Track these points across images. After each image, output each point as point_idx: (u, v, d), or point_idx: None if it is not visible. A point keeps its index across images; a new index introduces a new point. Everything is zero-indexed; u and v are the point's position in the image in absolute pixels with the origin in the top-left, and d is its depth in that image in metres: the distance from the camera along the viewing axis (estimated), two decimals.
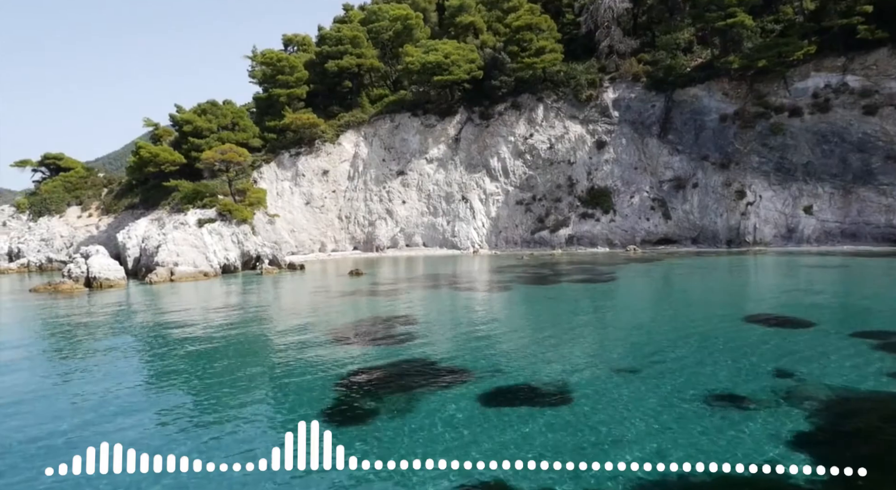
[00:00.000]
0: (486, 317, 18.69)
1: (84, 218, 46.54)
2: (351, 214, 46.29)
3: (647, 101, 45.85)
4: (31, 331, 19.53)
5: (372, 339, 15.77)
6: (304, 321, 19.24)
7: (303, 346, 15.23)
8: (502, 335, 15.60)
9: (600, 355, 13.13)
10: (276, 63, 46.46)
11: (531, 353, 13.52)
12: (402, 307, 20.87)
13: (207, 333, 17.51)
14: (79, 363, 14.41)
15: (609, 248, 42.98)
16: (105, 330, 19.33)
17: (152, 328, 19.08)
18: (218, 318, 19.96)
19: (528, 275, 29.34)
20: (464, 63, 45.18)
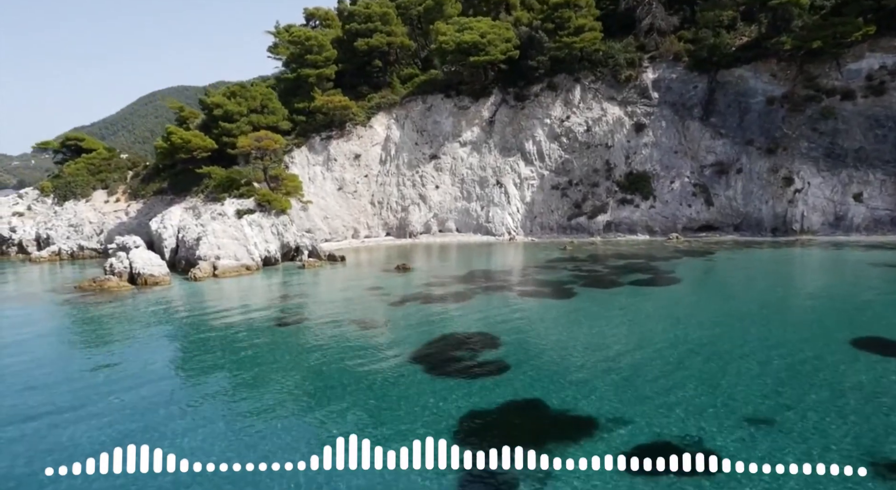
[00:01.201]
0: (570, 337, 18.03)
1: (112, 203, 45.71)
2: (384, 200, 45.38)
3: (689, 82, 44.35)
4: (114, 343, 18.91)
5: (461, 368, 15.18)
6: (378, 340, 18.63)
7: (396, 376, 14.64)
8: (601, 364, 14.99)
9: (724, 397, 12.51)
10: (304, 42, 44.87)
11: (647, 394, 12.90)
12: (473, 321, 20.23)
13: (295, 362, 16.91)
14: (197, 387, 13.85)
15: (649, 235, 42.15)
16: (185, 344, 18.74)
17: (226, 341, 18.50)
18: (287, 339, 19.38)
19: (583, 273, 28.64)
20: (500, 42, 43.55)
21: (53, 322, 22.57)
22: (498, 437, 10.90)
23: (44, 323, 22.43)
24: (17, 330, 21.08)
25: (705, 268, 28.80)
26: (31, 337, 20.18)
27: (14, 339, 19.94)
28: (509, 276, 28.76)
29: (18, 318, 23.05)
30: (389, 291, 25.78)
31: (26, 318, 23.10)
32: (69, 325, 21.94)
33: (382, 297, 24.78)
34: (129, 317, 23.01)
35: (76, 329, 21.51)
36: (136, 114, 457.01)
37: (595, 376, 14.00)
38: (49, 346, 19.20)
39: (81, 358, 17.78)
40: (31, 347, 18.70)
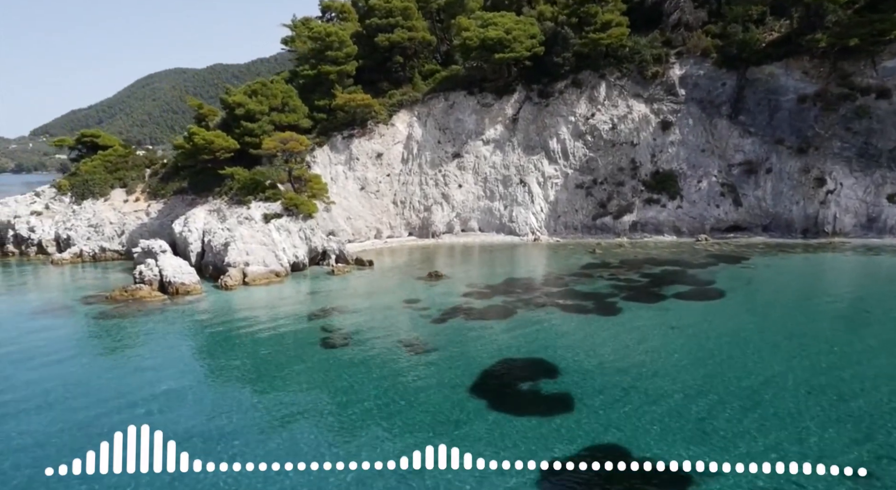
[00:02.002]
0: (629, 364, 17.63)
1: (131, 202, 45.15)
2: (406, 199, 44.83)
3: (717, 79, 43.52)
4: (163, 370, 18.52)
5: (526, 403, 14.88)
6: (431, 367, 18.28)
7: (461, 417, 14.29)
8: (671, 401, 14.64)
9: (815, 444, 12.14)
10: (324, 38, 43.97)
11: (730, 438, 12.58)
12: (523, 342, 19.91)
13: (352, 395, 16.57)
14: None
15: (676, 236, 41.66)
16: (234, 372, 18.35)
17: (276, 368, 18.17)
18: (337, 366, 19.03)
19: (622, 283, 28.24)
20: (525, 39, 42.67)
21: (95, 340, 22.24)
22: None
23: (85, 341, 22.09)
24: (58, 349, 20.77)
25: (746, 277, 28.36)
26: (73, 356, 19.87)
27: (57, 356, 19.63)
28: (546, 286, 28.34)
29: (58, 335, 22.73)
30: (428, 305, 25.41)
31: (66, 335, 22.80)
32: (111, 344, 21.60)
33: (423, 312, 24.39)
34: (171, 336, 22.68)
35: (119, 349, 21.18)
36: (133, 97, 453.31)
37: (669, 416, 13.65)
38: (93, 367, 18.89)
39: (130, 382, 17.42)
40: (78, 370, 18.37)
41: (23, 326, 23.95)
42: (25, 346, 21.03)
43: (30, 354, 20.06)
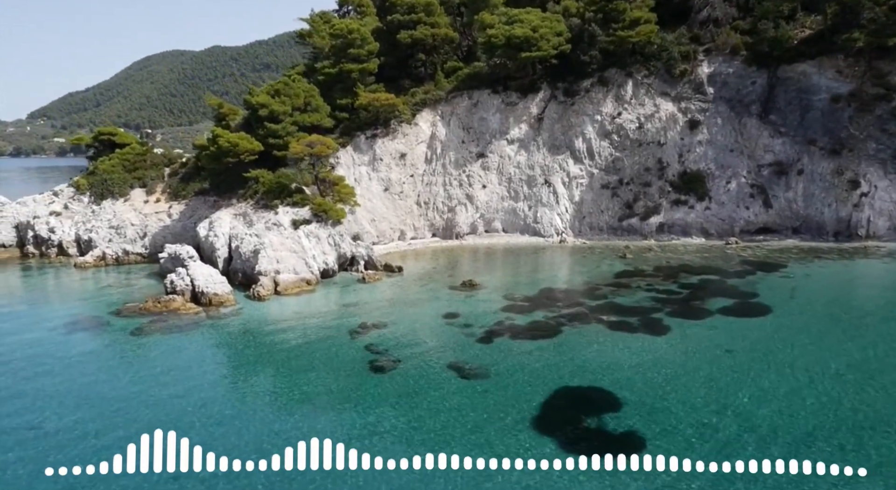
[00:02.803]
0: (691, 394, 17.28)
1: (152, 203, 44.67)
2: (430, 200, 44.31)
3: (747, 77, 42.76)
4: (212, 402, 18.20)
5: (594, 445, 14.47)
6: (486, 396, 17.98)
7: (532, 474, 13.97)
8: (751, 445, 14.28)
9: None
10: (346, 35, 43.08)
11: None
12: (575, 367, 19.62)
13: (411, 426, 16.25)
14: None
15: (704, 238, 41.20)
16: (282, 397, 18.00)
17: (328, 393, 17.87)
18: (389, 392, 18.71)
19: (661, 295, 27.89)
20: (552, 37, 41.81)
21: (137, 362, 21.87)
22: None
23: (127, 362, 21.75)
24: (100, 370, 20.47)
25: (788, 289, 27.96)
26: (116, 379, 19.54)
27: (95, 377, 19.34)
28: (585, 298, 27.95)
29: (98, 355, 22.42)
30: (469, 320, 25.07)
31: (106, 355, 22.44)
32: (154, 366, 21.22)
33: (465, 329, 24.05)
34: (213, 358, 22.41)
35: (162, 370, 20.80)
36: (130, 79, 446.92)
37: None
38: (138, 393, 18.53)
39: (178, 407, 17.12)
40: (122, 395, 18.06)
41: (60, 344, 23.65)
42: (67, 368, 20.73)
43: (72, 378, 19.76)
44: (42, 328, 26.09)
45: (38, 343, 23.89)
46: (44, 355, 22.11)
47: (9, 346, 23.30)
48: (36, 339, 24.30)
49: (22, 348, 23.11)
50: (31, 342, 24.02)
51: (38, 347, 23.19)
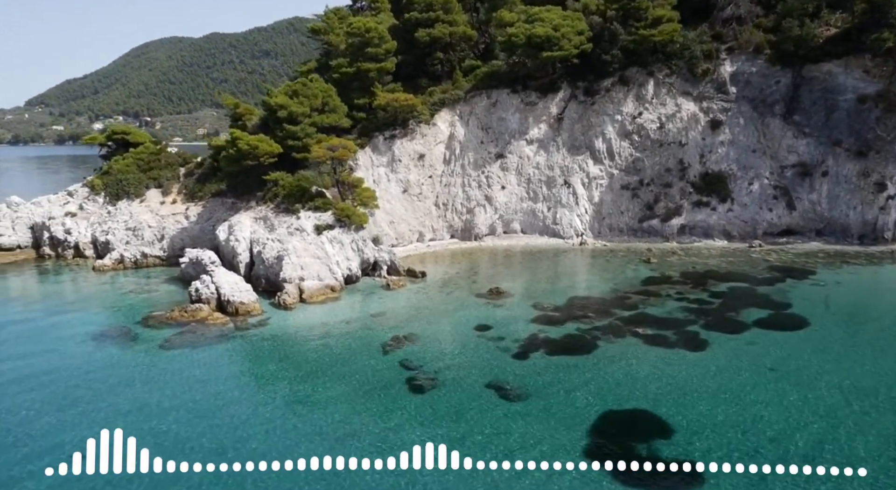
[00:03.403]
0: (743, 419, 16.98)
1: (168, 204, 44.33)
2: (448, 201, 43.93)
3: (771, 77, 42.15)
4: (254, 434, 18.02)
5: (654, 476, 14.24)
6: (534, 421, 17.75)
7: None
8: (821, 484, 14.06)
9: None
10: (364, 34, 42.47)
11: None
12: (617, 386, 19.42)
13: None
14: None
15: (727, 240, 40.86)
16: (323, 420, 17.78)
17: (372, 417, 17.65)
18: (431, 415, 18.48)
19: (693, 304, 27.66)
20: (573, 35, 41.17)
21: (170, 379, 21.65)
22: None
23: (161, 379, 21.53)
24: (136, 388, 20.25)
25: (821, 298, 27.69)
26: (149, 404, 19.30)
27: (132, 402, 19.12)
28: (615, 307, 27.67)
29: (130, 371, 22.17)
30: (502, 333, 24.87)
31: (139, 372, 22.18)
32: (189, 385, 21.01)
33: (498, 343, 23.83)
34: (247, 374, 22.14)
35: (197, 393, 20.55)
36: (128, 66, 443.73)
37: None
38: (176, 415, 18.34)
39: (220, 437, 16.94)
40: (160, 417, 17.89)
41: (91, 360, 23.40)
42: (103, 392, 20.50)
43: (111, 404, 19.54)
44: (71, 341, 25.88)
45: (69, 358, 23.70)
46: (77, 374, 21.90)
47: (41, 363, 23.12)
48: (67, 354, 24.11)
49: (54, 365, 22.92)
50: (62, 357, 23.84)
51: (71, 364, 22.99)
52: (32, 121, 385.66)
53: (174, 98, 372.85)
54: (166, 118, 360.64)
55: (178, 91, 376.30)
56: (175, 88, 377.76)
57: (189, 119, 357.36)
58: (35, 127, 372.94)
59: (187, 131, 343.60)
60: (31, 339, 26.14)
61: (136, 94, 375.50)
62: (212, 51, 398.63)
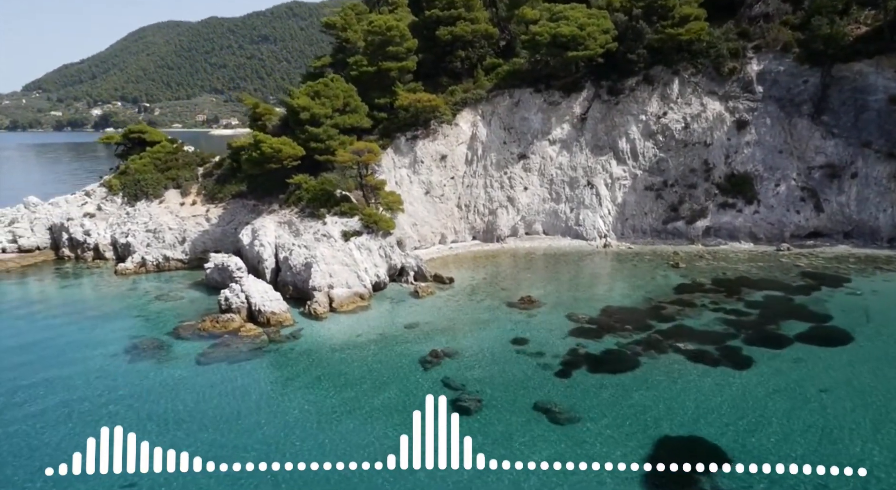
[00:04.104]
0: (815, 452, 16.75)
1: (188, 206, 43.93)
2: (470, 203, 43.52)
3: (799, 76, 41.49)
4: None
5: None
6: (594, 449, 17.53)
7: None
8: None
9: None
10: (385, 32, 41.77)
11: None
12: (671, 409, 19.13)
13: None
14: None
15: (753, 243, 40.46)
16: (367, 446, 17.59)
17: None
18: (484, 442, 18.25)
19: (730, 316, 27.39)
20: (599, 34, 40.47)
21: (213, 398, 21.45)
22: None
23: (203, 399, 21.34)
24: (172, 414, 20.05)
25: (859, 309, 27.38)
26: (192, 426, 19.13)
27: (174, 425, 18.95)
28: (652, 319, 27.41)
29: (164, 389, 21.98)
30: (540, 347, 24.67)
31: (175, 390, 21.97)
32: (230, 406, 20.81)
33: (538, 359, 23.64)
34: (287, 393, 21.85)
35: (237, 412, 20.37)
36: (126, 51, 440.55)
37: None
38: (222, 444, 18.16)
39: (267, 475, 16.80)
40: (215, 449, 17.72)
41: (126, 376, 23.23)
42: (142, 409, 20.35)
43: (155, 423, 19.41)
44: (102, 354, 25.73)
45: (104, 375, 23.55)
46: (113, 391, 21.76)
47: (76, 378, 22.97)
48: (100, 370, 23.94)
49: (89, 381, 22.80)
50: (96, 373, 23.69)
51: (106, 380, 22.86)
52: (30, 106, 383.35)
53: (172, 83, 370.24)
54: (165, 104, 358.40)
55: (177, 76, 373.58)
56: (173, 74, 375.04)
57: (188, 105, 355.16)
58: (33, 112, 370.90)
59: (186, 117, 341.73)
60: (62, 354, 25.95)
61: (134, 80, 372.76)
62: (210, 35, 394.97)
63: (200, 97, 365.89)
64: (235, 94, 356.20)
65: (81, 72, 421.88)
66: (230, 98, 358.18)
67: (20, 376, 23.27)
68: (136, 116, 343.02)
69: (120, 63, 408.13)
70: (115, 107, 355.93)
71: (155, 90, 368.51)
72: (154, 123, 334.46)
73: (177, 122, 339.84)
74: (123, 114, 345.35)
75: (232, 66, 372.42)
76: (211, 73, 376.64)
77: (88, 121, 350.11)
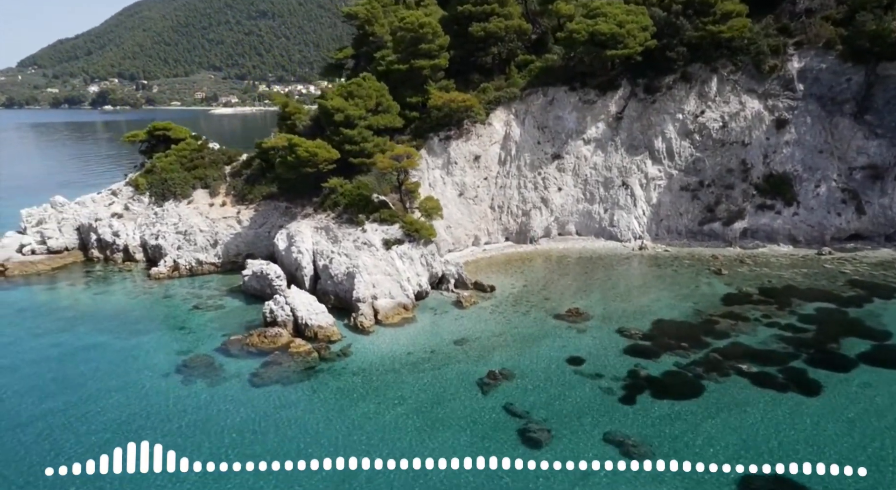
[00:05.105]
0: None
1: (217, 207, 43.32)
2: (504, 204, 42.94)
3: (841, 74, 40.60)
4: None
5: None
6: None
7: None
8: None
9: None
10: (417, 29, 40.70)
11: None
12: (746, 446, 18.89)
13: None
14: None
15: (792, 245, 39.98)
16: None
17: None
18: None
19: (785, 331, 27.17)
20: (638, 32, 39.44)
21: (271, 430, 21.22)
22: None
23: (261, 426, 21.11)
24: (241, 446, 19.85)
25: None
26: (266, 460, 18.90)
27: (245, 459, 18.72)
28: (706, 334, 27.13)
29: (224, 414, 21.79)
30: (598, 368, 24.44)
31: (234, 413, 21.76)
32: (294, 433, 20.57)
33: (598, 381, 23.47)
34: (344, 421, 21.49)
35: (300, 440, 20.14)
36: (121, 26, 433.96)
37: None
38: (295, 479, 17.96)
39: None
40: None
41: (182, 399, 23.02)
42: (203, 434, 20.18)
43: (222, 454, 19.22)
44: (155, 373, 25.51)
45: (163, 396, 23.36)
46: (173, 417, 21.55)
47: (137, 401, 22.76)
48: (159, 391, 23.76)
49: (150, 404, 22.59)
50: (155, 394, 23.53)
51: (168, 404, 22.62)
52: (26, 83, 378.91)
53: (170, 60, 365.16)
54: (163, 81, 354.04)
55: (174, 53, 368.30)
56: (170, 50, 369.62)
57: (186, 82, 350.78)
58: (29, 89, 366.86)
59: (185, 95, 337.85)
60: (112, 372, 25.71)
61: (130, 56, 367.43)
62: (207, 10, 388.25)
63: (199, 74, 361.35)
64: (235, 71, 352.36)
65: (77, 47, 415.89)
66: (229, 75, 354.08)
67: (75, 392, 23.09)
68: (133, 94, 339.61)
69: (116, 38, 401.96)
70: (112, 84, 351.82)
71: (152, 67, 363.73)
72: (153, 101, 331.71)
73: (175, 100, 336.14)
74: (121, 91, 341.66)
75: (230, 42, 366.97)
76: (209, 50, 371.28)
77: (86, 98, 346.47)
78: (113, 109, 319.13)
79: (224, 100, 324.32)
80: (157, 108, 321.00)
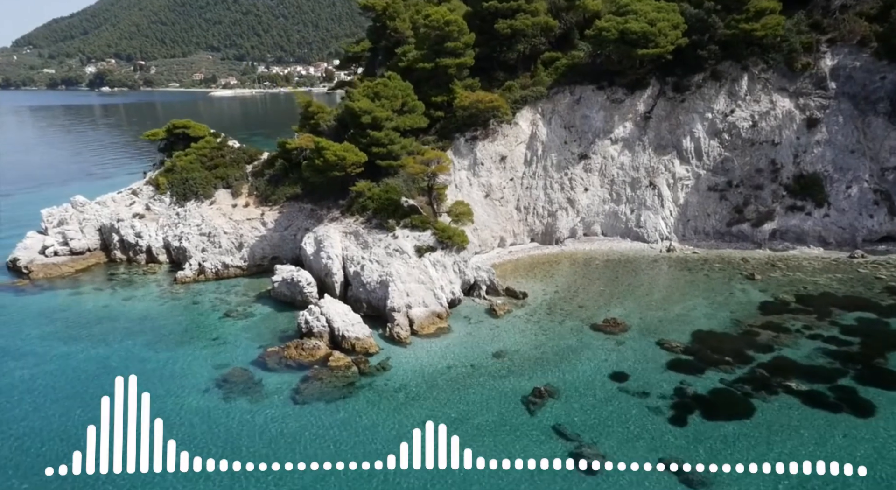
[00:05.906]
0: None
1: (241, 208, 42.89)
2: (530, 205, 42.47)
3: (876, 72, 39.91)
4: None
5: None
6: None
7: None
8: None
9: None
10: (443, 27, 39.87)
11: None
12: (809, 481, 18.67)
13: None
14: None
15: (823, 248, 39.61)
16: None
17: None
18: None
19: (830, 344, 26.98)
20: (669, 30, 38.63)
21: (317, 448, 21.06)
22: None
23: (307, 447, 20.96)
24: (279, 456, 19.71)
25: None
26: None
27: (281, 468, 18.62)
28: (748, 347, 26.93)
29: (265, 433, 21.72)
30: (643, 386, 24.26)
31: (277, 434, 21.67)
32: (341, 454, 20.42)
33: (644, 399, 23.32)
34: (390, 432, 21.29)
35: (352, 463, 19.97)
36: (117, 4, 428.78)
37: None
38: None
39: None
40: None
41: (225, 418, 22.89)
42: (252, 459, 20.04)
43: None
44: (194, 389, 25.40)
45: (206, 416, 23.23)
46: (218, 438, 21.39)
47: (179, 420, 22.57)
48: (201, 410, 23.61)
49: (192, 421, 22.48)
50: (197, 412, 23.37)
51: (211, 424, 22.48)
52: (21, 63, 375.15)
53: (167, 40, 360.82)
54: (161, 62, 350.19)
55: (171, 33, 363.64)
56: (168, 30, 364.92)
57: (184, 63, 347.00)
58: (25, 70, 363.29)
59: (183, 76, 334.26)
60: (150, 387, 25.38)
61: (127, 36, 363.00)
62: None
63: (197, 55, 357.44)
64: (233, 52, 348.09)
65: (72, 27, 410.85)
66: (227, 56, 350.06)
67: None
68: (131, 75, 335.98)
69: (112, 18, 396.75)
70: (109, 64, 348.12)
71: (149, 47, 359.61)
72: (151, 82, 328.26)
73: (174, 82, 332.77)
74: (119, 72, 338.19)
75: (227, 22, 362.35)
76: (206, 30, 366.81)
77: (83, 79, 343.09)
78: (111, 91, 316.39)
79: (223, 81, 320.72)
80: (155, 90, 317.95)
